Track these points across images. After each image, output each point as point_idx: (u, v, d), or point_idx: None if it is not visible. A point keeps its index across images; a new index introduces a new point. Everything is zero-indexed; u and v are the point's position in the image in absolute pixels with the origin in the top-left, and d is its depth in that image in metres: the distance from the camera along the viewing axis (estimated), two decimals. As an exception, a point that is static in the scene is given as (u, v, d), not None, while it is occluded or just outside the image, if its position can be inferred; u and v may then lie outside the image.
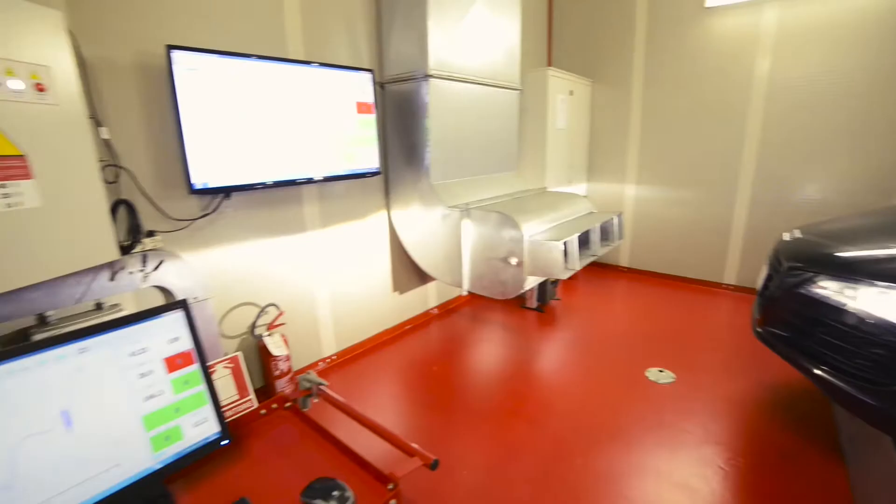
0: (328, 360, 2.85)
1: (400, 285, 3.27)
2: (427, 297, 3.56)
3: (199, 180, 1.94)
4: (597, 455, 2.03)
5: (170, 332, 0.98)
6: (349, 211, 2.83)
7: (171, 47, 1.80)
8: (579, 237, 2.50)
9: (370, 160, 2.68)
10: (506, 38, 3.14)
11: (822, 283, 1.62)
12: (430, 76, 2.59)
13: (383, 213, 3.06)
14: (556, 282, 3.65)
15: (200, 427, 1.00)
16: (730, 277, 4.04)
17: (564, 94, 3.98)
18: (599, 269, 4.70)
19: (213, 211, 2.16)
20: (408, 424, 2.30)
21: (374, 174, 2.72)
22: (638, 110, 4.25)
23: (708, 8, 3.75)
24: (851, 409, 1.62)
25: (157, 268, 1.82)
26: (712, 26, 3.78)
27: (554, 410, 2.36)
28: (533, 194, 3.21)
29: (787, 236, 2.07)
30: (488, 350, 3.06)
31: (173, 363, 0.97)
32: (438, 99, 2.68)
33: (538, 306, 3.60)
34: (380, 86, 2.84)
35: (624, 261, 4.61)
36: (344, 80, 2.45)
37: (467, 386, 2.61)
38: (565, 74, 3.98)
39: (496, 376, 2.72)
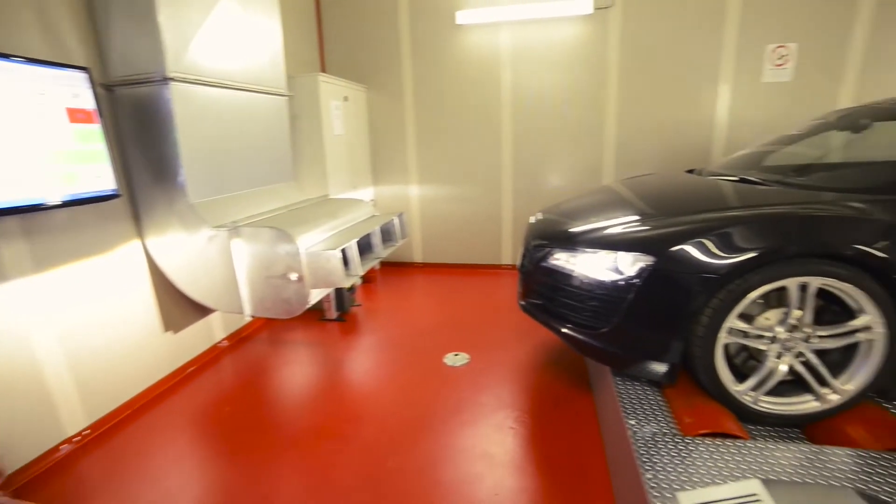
0: (76, 441, 2.21)
1: (173, 323, 2.76)
2: (212, 330, 3.11)
3: None
4: (407, 451, 2.08)
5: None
6: (81, 245, 2.23)
7: None
8: (360, 242, 2.52)
9: (102, 180, 2.15)
10: (268, 41, 2.93)
11: (556, 255, 1.98)
12: (172, 79, 2.22)
13: (135, 242, 2.52)
14: (352, 288, 3.64)
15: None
16: (507, 259, 4.73)
17: (339, 101, 3.98)
18: (396, 268, 4.90)
19: None
20: (203, 486, 1.95)
21: (110, 197, 2.20)
22: (412, 116, 4.55)
23: (459, 25, 4.26)
24: (586, 353, 2.05)
25: None
26: (466, 41, 4.31)
27: (363, 419, 2.33)
28: (313, 204, 3.11)
29: (532, 219, 2.49)
30: (290, 373, 2.85)
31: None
32: (188, 106, 2.33)
33: (338, 316, 3.53)
34: (105, 88, 2.31)
35: (418, 257, 4.92)
36: (40, 80, 1.90)
37: (269, 418, 2.37)
38: (338, 80, 3.97)
39: (301, 399, 2.54)
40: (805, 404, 1.69)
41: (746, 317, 1.66)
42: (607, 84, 4.21)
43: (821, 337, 1.64)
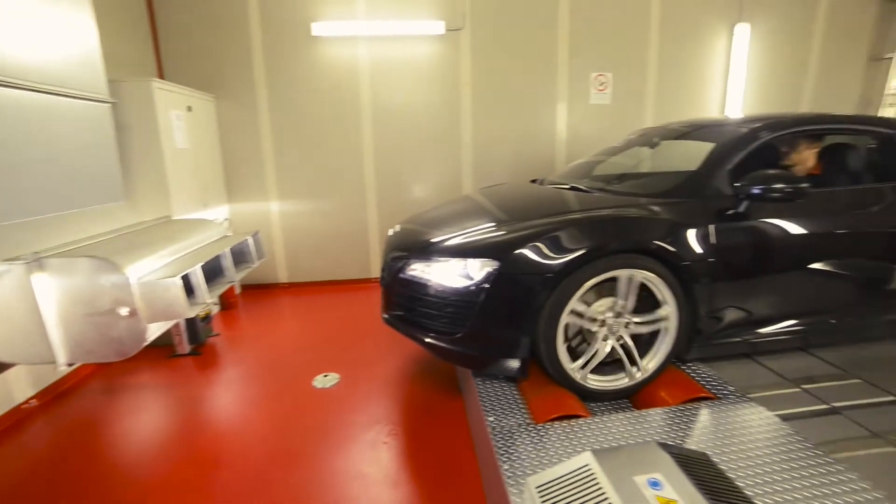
0: None
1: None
2: (11, 389, 2.50)
3: None
4: (278, 486, 1.93)
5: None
6: None
7: None
8: (207, 266, 2.28)
9: None
10: (77, 37, 2.50)
11: (413, 266, 2.03)
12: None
13: None
14: (207, 317, 3.28)
15: None
16: (376, 272, 4.70)
17: (181, 110, 3.57)
18: (259, 291, 4.55)
19: None
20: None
21: None
22: (268, 128, 4.30)
23: (315, 36, 4.14)
24: (447, 359, 2.13)
25: None
26: (324, 53, 4.21)
27: (224, 460, 2.10)
28: (149, 226, 2.73)
29: (391, 231, 2.52)
30: (131, 424, 2.44)
31: None
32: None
33: (193, 349, 3.14)
34: None
35: (283, 276, 4.63)
36: None
37: (100, 483, 1.99)
38: (179, 88, 3.56)
39: (146, 453, 2.19)
40: (620, 381, 1.98)
41: (581, 305, 1.89)
42: (462, 100, 4.49)
43: (637, 323, 1.94)
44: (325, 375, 2.81)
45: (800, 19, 5.06)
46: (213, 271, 2.56)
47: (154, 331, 2.12)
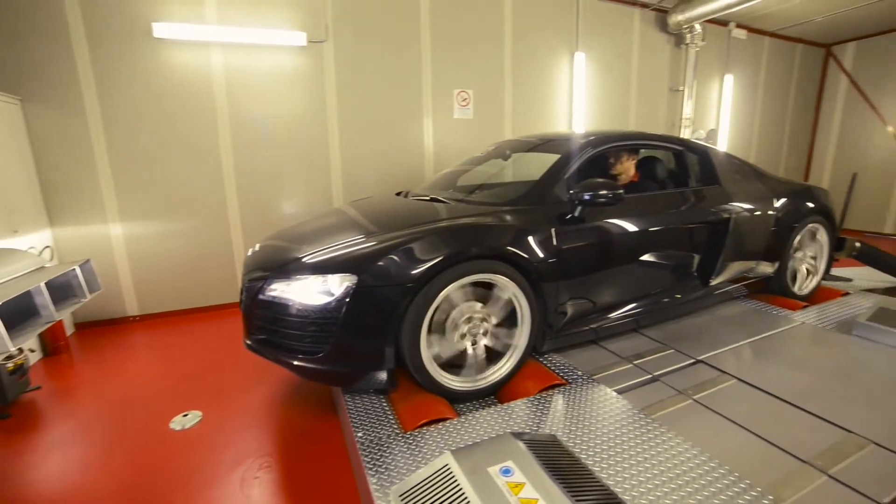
0: None
1: None
2: None
3: None
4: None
5: None
6: None
7: None
8: (7, 307, 1.91)
9: None
10: None
11: (273, 286, 1.93)
12: None
13: None
14: (20, 369, 2.70)
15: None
16: (248, 294, 4.35)
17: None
18: (100, 329, 3.88)
19: None
20: None
21: None
22: (102, 139, 3.71)
23: (158, 38, 3.71)
24: (315, 379, 2.07)
25: None
26: (170, 58, 3.80)
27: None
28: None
29: (250, 251, 2.37)
30: None
31: None
32: None
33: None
34: None
35: (133, 309, 4.04)
36: None
37: None
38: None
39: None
40: (482, 380, 2.09)
41: (444, 309, 1.98)
42: (328, 113, 4.41)
43: (495, 326, 2.08)
44: (185, 415, 2.52)
45: (621, 55, 5.99)
46: (23, 311, 2.14)
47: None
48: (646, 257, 2.60)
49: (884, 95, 7.61)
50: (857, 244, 3.76)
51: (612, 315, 2.54)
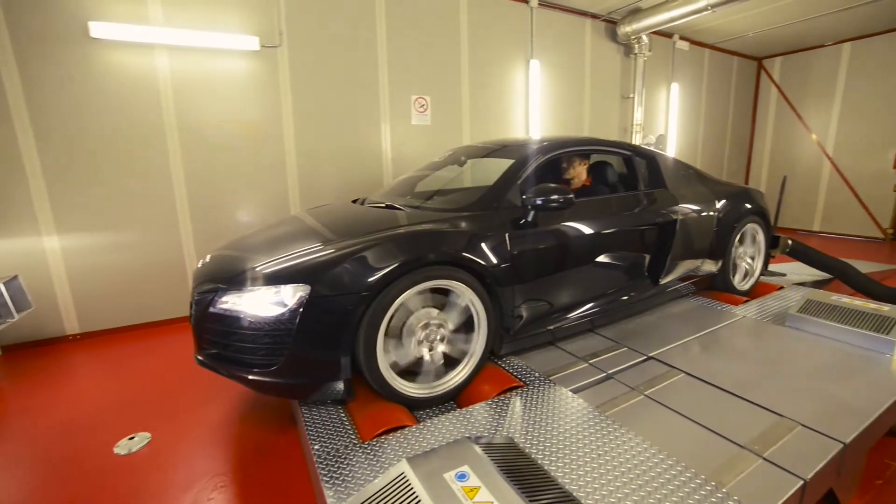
0: None
1: None
2: None
3: None
4: None
5: None
6: None
7: None
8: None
9: None
10: None
11: (224, 298, 1.87)
12: None
13: None
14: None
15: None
16: (201, 307, 4.17)
17: None
18: (33, 351, 3.58)
19: None
20: None
21: None
22: (31, 144, 3.45)
23: (95, 39, 3.52)
24: (271, 392, 2.01)
25: None
26: (109, 61, 3.61)
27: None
28: None
29: (200, 262, 2.28)
30: None
31: None
32: None
33: (-81, 443, 2.35)
34: None
35: (72, 327, 3.78)
36: None
37: None
38: None
39: None
40: (440, 387, 2.10)
41: (400, 315, 1.97)
42: (284, 120, 4.33)
43: (452, 332, 2.09)
44: (132, 437, 2.38)
45: (574, 63, 6.21)
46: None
47: None
48: (598, 259, 2.69)
49: (806, 107, 8.29)
50: (790, 241, 4.04)
51: (569, 316, 2.60)
